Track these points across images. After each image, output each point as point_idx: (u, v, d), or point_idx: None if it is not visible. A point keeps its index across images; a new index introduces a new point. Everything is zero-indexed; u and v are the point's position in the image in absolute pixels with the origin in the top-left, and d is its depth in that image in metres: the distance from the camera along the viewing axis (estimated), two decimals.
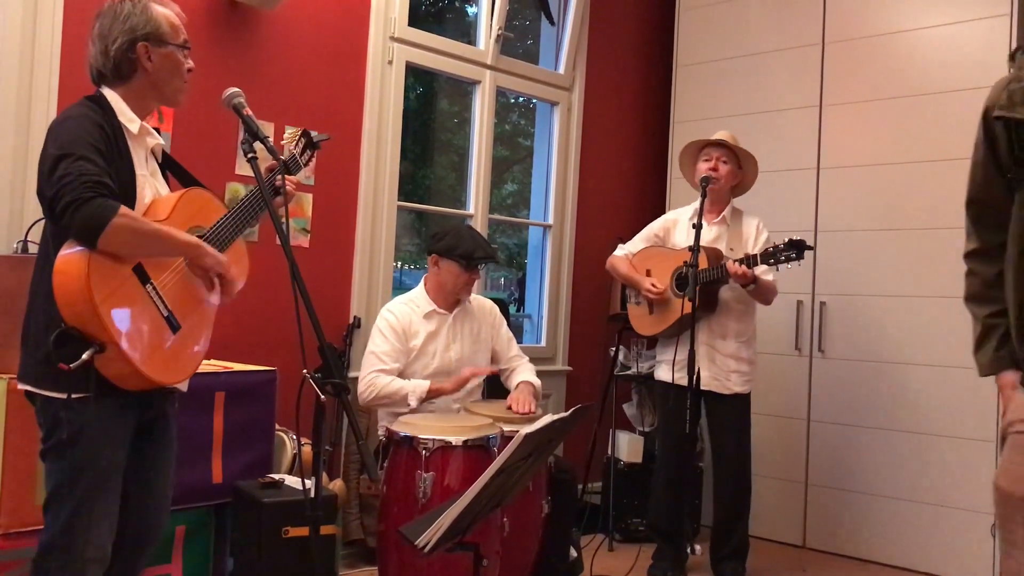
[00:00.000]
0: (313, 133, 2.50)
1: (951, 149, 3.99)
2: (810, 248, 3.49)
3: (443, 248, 3.32)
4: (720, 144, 3.77)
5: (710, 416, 3.75)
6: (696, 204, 3.71)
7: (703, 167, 3.74)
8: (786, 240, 3.46)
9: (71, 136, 1.92)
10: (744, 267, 3.46)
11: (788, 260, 3.45)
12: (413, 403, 3.15)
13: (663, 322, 3.74)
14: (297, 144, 2.45)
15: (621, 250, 3.94)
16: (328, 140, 2.55)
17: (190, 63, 2.17)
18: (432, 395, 3.18)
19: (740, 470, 3.74)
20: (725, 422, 3.72)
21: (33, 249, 2.69)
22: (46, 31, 2.98)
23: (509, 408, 3.22)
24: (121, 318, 1.88)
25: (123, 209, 1.87)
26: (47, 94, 2.97)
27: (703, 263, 3.54)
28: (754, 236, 3.76)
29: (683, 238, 3.79)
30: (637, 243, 3.93)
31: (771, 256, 3.47)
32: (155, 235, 1.96)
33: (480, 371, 3.32)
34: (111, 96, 2.07)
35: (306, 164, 2.49)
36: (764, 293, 3.64)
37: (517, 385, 3.42)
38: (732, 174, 3.77)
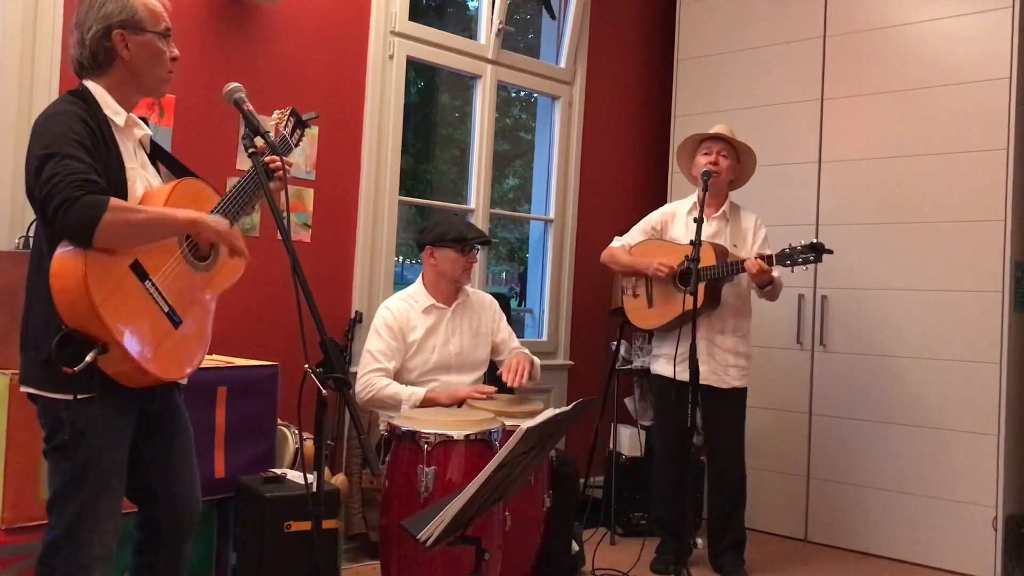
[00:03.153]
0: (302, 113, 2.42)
1: (953, 142, 3.98)
2: (829, 252, 3.47)
3: (434, 238, 3.34)
4: (719, 138, 3.76)
5: (706, 410, 3.76)
6: (694, 197, 3.77)
7: (703, 161, 3.73)
8: (804, 242, 3.46)
9: (55, 134, 1.87)
10: (766, 264, 3.45)
11: (806, 262, 3.45)
12: (406, 410, 3.14)
13: (665, 316, 3.73)
14: (286, 125, 2.36)
15: (618, 242, 3.93)
16: (316, 118, 2.46)
17: (174, 51, 2.09)
18: (426, 404, 3.17)
19: (735, 464, 3.76)
20: (721, 416, 3.73)
21: None
22: (47, 25, 2.98)
23: (500, 375, 3.26)
24: (121, 317, 1.87)
25: (113, 202, 1.83)
26: (48, 88, 2.97)
27: (710, 259, 3.53)
28: (752, 232, 3.76)
29: (682, 232, 3.78)
30: (635, 235, 3.89)
31: (788, 257, 3.47)
32: (150, 221, 1.92)
33: (483, 390, 3.27)
34: (94, 88, 2.02)
35: (296, 144, 2.40)
36: (776, 291, 3.67)
37: (512, 350, 3.47)
38: (731, 168, 3.78)
